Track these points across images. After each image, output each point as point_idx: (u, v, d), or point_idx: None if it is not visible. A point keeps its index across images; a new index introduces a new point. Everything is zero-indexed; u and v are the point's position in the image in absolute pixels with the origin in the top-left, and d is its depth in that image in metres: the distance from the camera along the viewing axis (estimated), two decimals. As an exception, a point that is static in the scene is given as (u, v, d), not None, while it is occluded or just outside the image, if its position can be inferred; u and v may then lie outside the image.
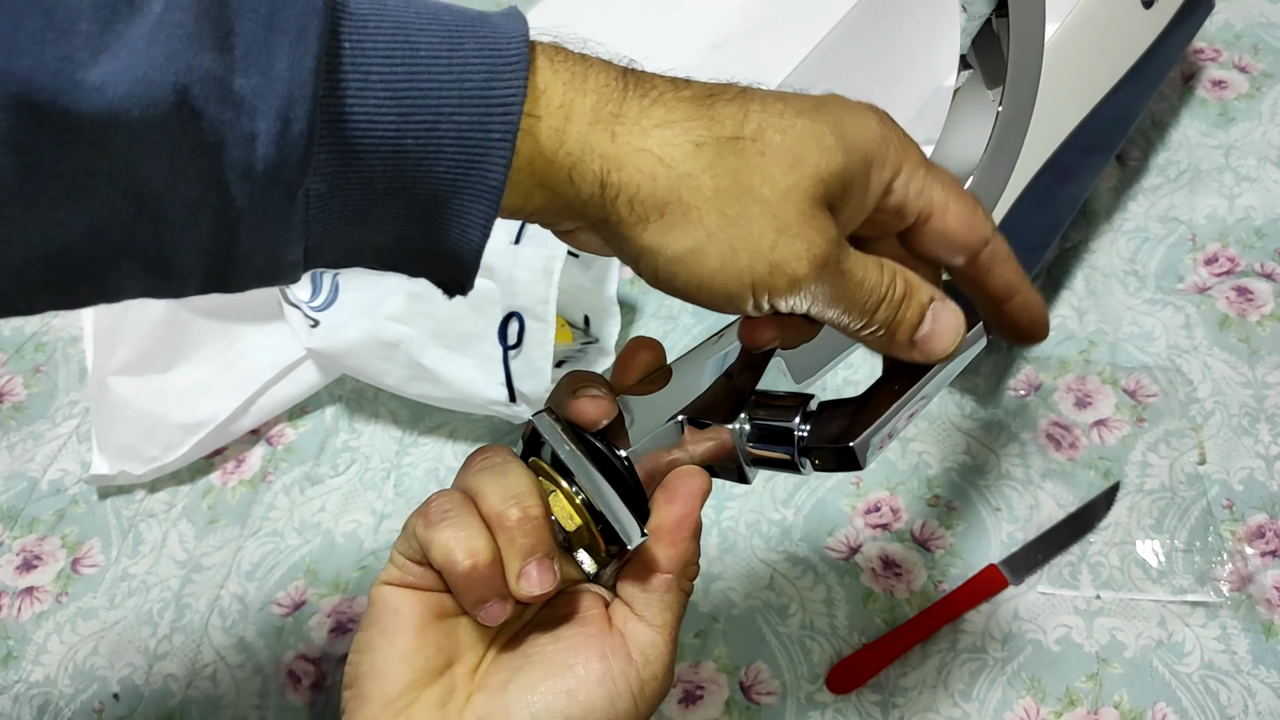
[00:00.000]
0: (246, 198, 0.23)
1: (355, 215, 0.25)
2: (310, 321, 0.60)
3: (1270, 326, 0.60)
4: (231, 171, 0.23)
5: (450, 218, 0.26)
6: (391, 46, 0.24)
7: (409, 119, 0.24)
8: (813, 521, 0.57)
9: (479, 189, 0.25)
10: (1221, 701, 0.48)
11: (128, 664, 0.56)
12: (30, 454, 0.66)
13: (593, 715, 0.29)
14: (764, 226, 0.26)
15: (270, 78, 0.22)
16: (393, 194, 0.25)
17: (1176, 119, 0.70)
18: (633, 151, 0.26)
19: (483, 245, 0.27)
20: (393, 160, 0.24)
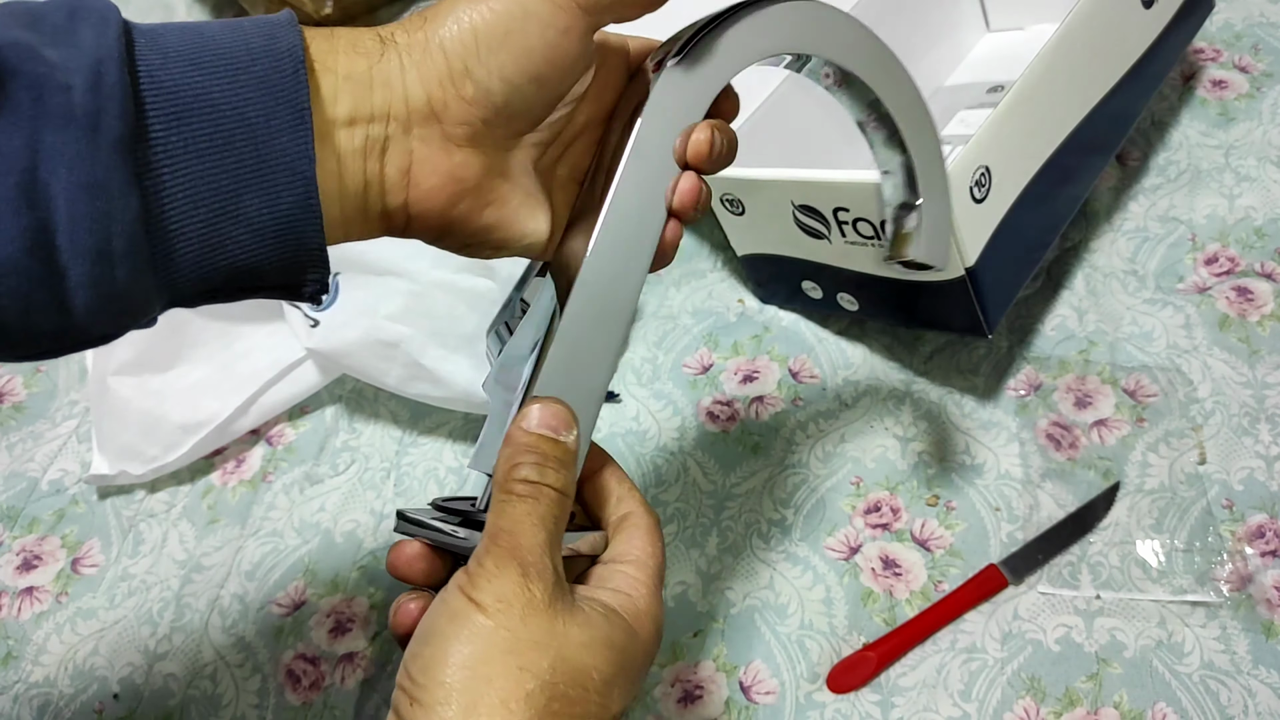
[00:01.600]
0: (73, 144, 0.25)
1: (190, 192, 0.27)
2: (310, 321, 0.60)
3: (1270, 326, 0.60)
4: (52, 119, 0.25)
5: (277, 161, 0.28)
6: (181, 32, 0.28)
7: (211, 76, 0.27)
8: (813, 521, 0.57)
9: (290, 113, 0.28)
10: (1221, 702, 0.48)
11: (128, 664, 0.56)
12: (30, 454, 0.66)
13: None
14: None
15: (79, 48, 0.25)
16: (218, 155, 0.27)
17: (1176, 119, 0.70)
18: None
19: (313, 172, 0.28)
20: (209, 116, 0.27)
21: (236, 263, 0.29)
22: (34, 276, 0.25)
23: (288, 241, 0.29)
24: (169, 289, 0.28)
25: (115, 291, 0.27)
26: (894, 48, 0.72)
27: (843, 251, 0.55)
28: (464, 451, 0.62)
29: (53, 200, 0.25)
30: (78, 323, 0.27)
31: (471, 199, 0.31)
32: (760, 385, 0.63)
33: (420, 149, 0.31)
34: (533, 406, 0.32)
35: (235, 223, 0.28)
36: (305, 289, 0.31)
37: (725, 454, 0.60)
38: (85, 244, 0.26)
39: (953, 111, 0.66)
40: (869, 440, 0.59)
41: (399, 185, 0.31)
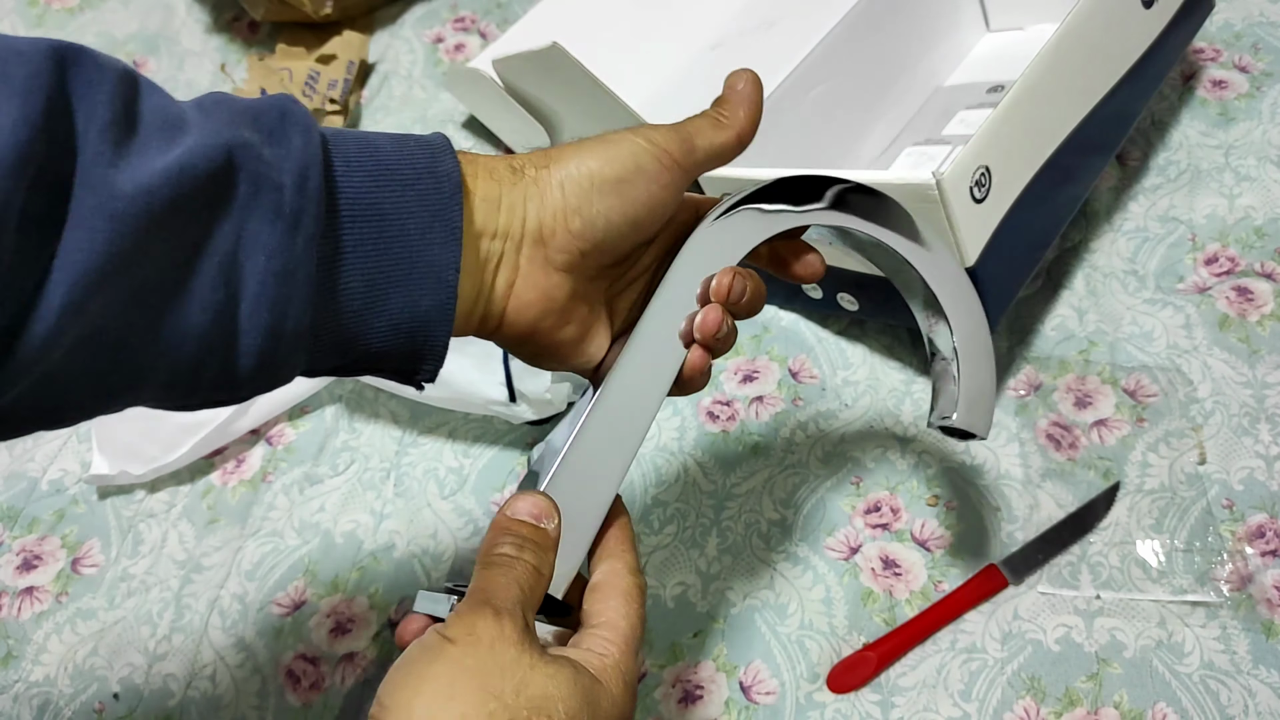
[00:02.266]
0: (275, 236, 0.29)
1: (350, 287, 0.31)
2: (310, 321, 0.60)
3: (1270, 326, 0.60)
4: (263, 212, 0.29)
5: (426, 267, 0.32)
6: (358, 143, 0.32)
7: (384, 189, 0.32)
8: (813, 521, 0.57)
9: (445, 229, 0.32)
10: (1221, 701, 0.48)
11: (127, 664, 0.56)
12: (30, 454, 0.66)
13: None
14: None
15: (289, 149, 0.30)
16: (378, 256, 0.31)
17: (1176, 119, 0.70)
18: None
19: (456, 281, 0.33)
20: (376, 223, 0.31)
21: (371, 349, 0.33)
22: (213, 343, 0.29)
23: (418, 337, 0.33)
24: (311, 362, 0.32)
25: (274, 363, 0.30)
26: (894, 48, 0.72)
27: (843, 251, 0.55)
28: (464, 451, 0.62)
29: (244, 281, 0.29)
30: (235, 383, 0.31)
31: (556, 317, 0.36)
32: (760, 385, 0.63)
33: (525, 267, 0.35)
34: (518, 498, 0.34)
35: (379, 315, 0.32)
36: (419, 375, 0.34)
37: (725, 454, 0.60)
38: (264, 321, 0.29)
39: (953, 111, 0.66)
40: (869, 440, 0.59)
41: (503, 295, 0.35)
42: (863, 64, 0.66)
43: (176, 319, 0.28)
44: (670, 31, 0.74)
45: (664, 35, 0.74)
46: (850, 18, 0.65)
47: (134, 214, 0.26)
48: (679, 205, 0.38)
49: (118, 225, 0.26)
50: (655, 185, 0.35)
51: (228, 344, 0.29)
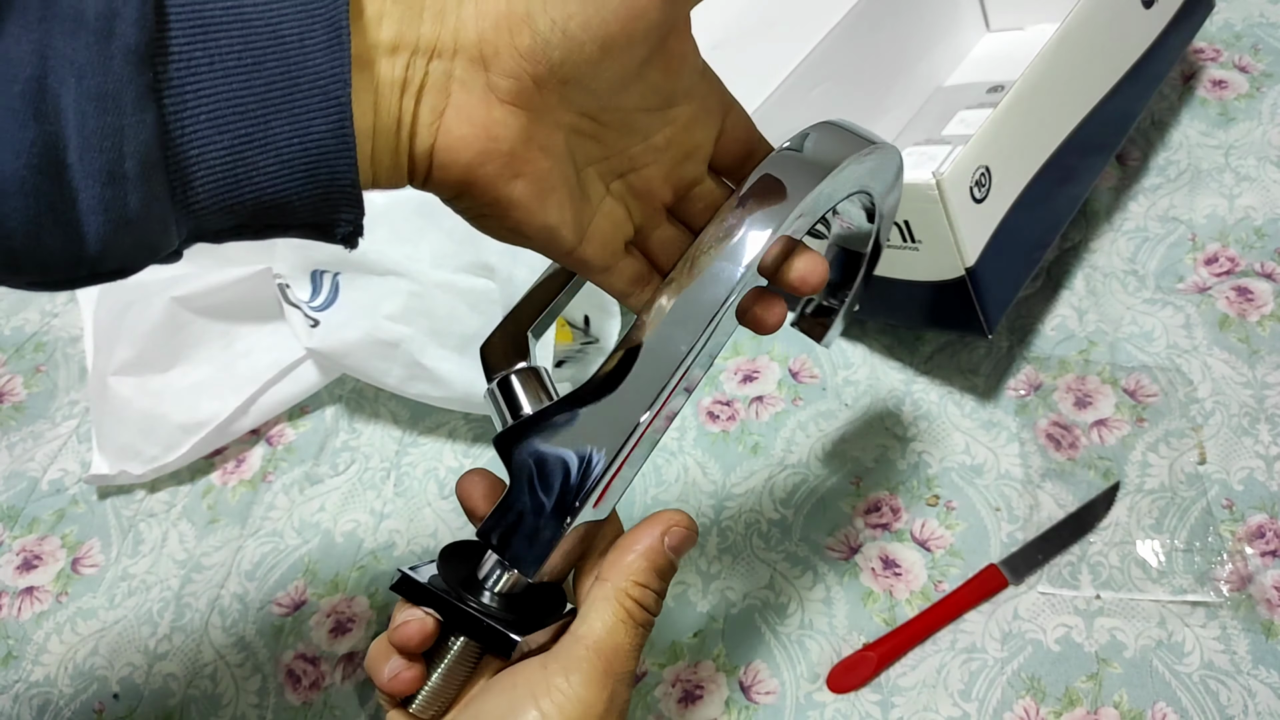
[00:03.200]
0: (82, 51, 0.23)
1: (214, 114, 0.25)
2: (310, 321, 0.60)
3: (1270, 326, 0.60)
4: (63, 23, 0.23)
5: (310, 83, 0.26)
6: None
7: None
8: (812, 521, 0.57)
9: (326, 31, 0.25)
10: (1221, 701, 0.48)
11: (128, 664, 0.56)
12: (30, 454, 0.66)
13: None
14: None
15: None
16: (247, 74, 0.25)
17: (1176, 119, 0.70)
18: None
19: (347, 98, 0.26)
20: (238, 32, 0.25)
21: (263, 196, 0.26)
22: (43, 196, 0.23)
23: (319, 175, 0.26)
24: (189, 220, 0.26)
25: (129, 218, 0.25)
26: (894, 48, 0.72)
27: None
28: (464, 451, 0.62)
29: (63, 113, 0.23)
30: (90, 251, 0.25)
31: (501, 163, 0.29)
32: (760, 385, 0.63)
33: (459, 94, 0.28)
34: (676, 526, 0.32)
35: (262, 150, 0.26)
36: (338, 229, 0.28)
37: (725, 454, 0.60)
38: (96, 163, 0.23)
39: (953, 111, 0.66)
40: (869, 440, 0.59)
41: (429, 128, 0.28)
42: (863, 64, 0.66)
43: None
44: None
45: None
46: (850, 18, 0.65)
47: None
48: (702, 86, 0.32)
49: None
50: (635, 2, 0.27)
51: (64, 196, 0.23)
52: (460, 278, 0.58)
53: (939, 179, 0.47)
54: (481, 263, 0.57)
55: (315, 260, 0.61)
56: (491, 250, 0.57)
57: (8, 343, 0.72)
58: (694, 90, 0.32)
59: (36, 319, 0.73)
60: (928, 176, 0.47)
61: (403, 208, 0.61)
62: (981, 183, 0.50)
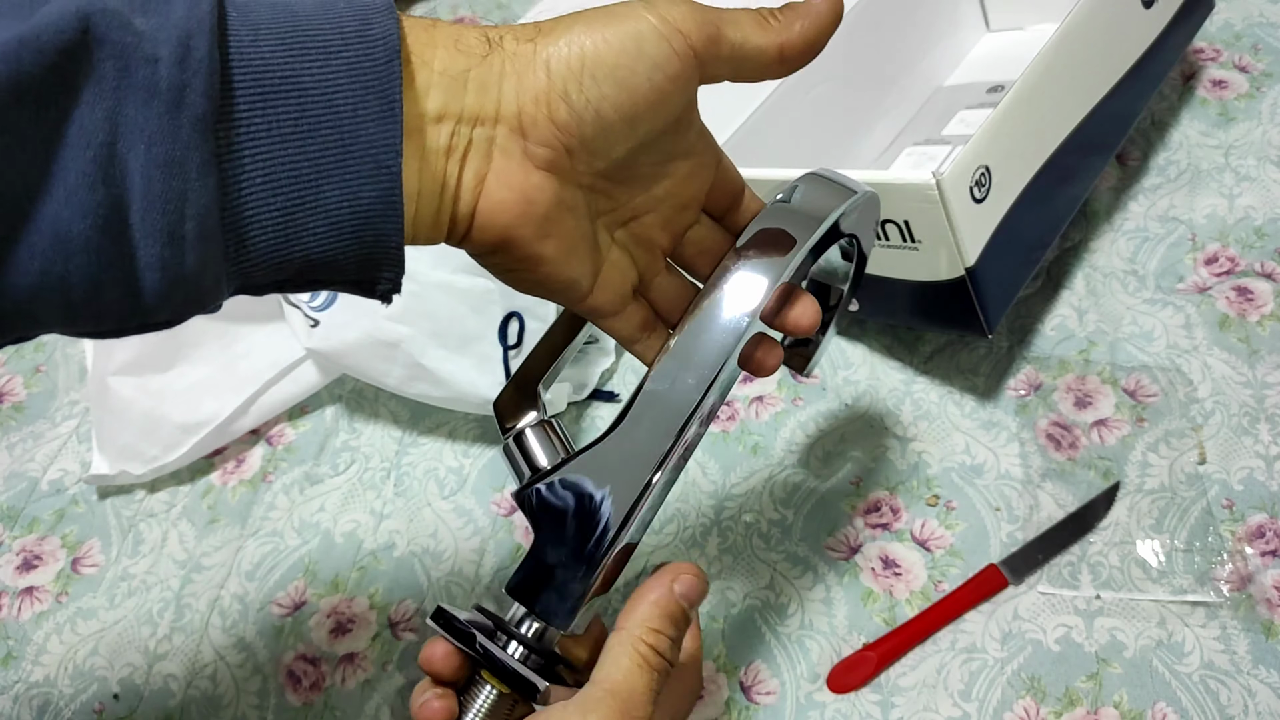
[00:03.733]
0: (153, 119, 0.24)
1: (269, 178, 0.26)
2: (310, 321, 0.60)
3: (1270, 326, 0.60)
4: (136, 93, 0.24)
5: (362, 151, 0.27)
6: (272, 8, 0.27)
7: (301, 58, 0.26)
8: (813, 521, 0.57)
9: (380, 103, 0.27)
10: (1221, 701, 0.48)
11: (128, 664, 0.56)
12: (30, 454, 0.66)
13: None
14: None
15: (169, 17, 0.24)
16: (302, 140, 0.26)
17: (1176, 119, 0.70)
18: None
19: (398, 166, 0.27)
20: (295, 100, 0.26)
21: (311, 255, 0.27)
22: (105, 255, 0.24)
23: (365, 237, 0.28)
24: (239, 276, 0.27)
25: (184, 275, 0.26)
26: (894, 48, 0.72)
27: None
28: (464, 451, 0.62)
29: (129, 177, 0.24)
30: (145, 304, 0.26)
31: (536, 225, 0.31)
32: (760, 385, 0.63)
33: (500, 160, 0.30)
34: (686, 575, 0.33)
35: (313, 214, 0.27)
36: (379, 286, 0.29)
37: (725, 454, 0.60)
38: (158, 224, 0.25)
39: (953, 111, 0.66)
40: (869, 440, 0.59)
41: (472, 192, 0.30)
42: (863, 64, 0.66)
43: (52, 229, 0.24)
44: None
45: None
46: (850, 18, 0.65)
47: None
48: (700, 144, 0.34)
49: None
50: (661, 75, 0.30)
51: (124, 255, 0.25)
52: (460, 278, 0.58)
53: (939, 179, 0.47)
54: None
55: (315, 260, 0.61)
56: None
57: (8, 343, 0.72)
58: (694, 148, 0.34)
59: (36, 319, 0.73)
60: (928, 176, 0.47)
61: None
62: (981, 183, 0.50)
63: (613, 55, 0.29)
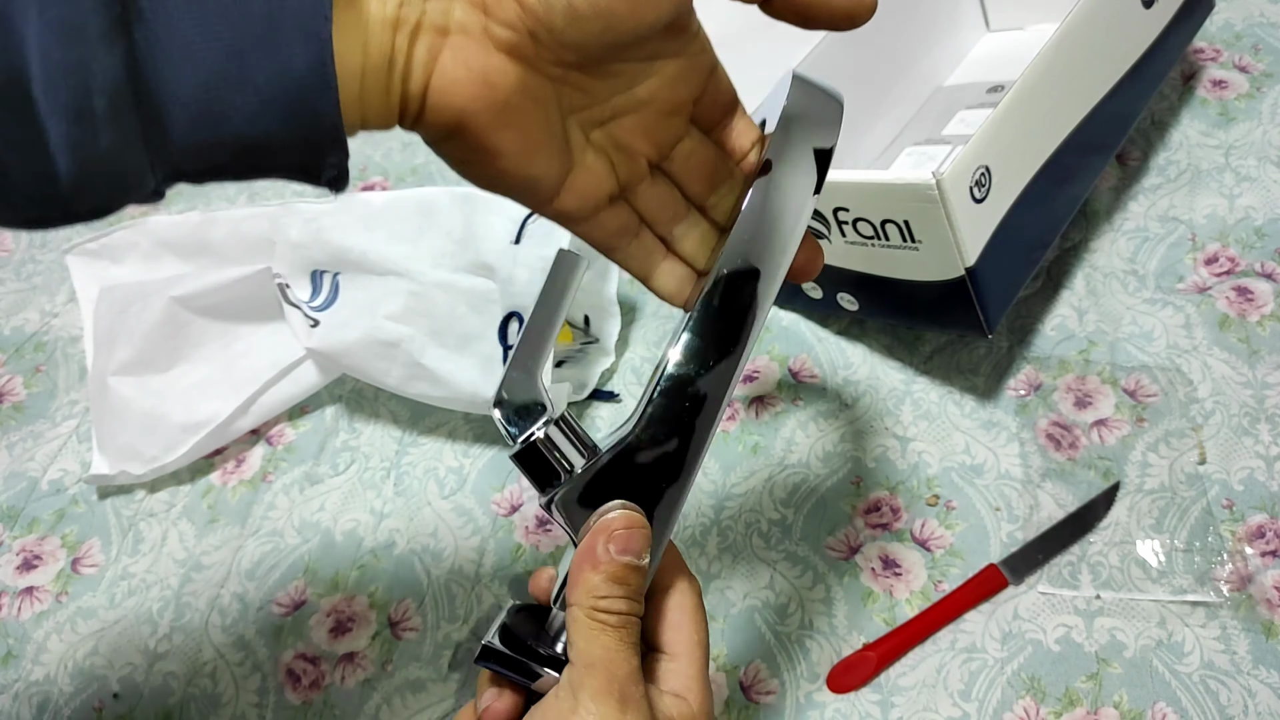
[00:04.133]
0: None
1: (186, 48, 0.24)
2: (310, 321, 0.60)
3: (1270, 326, 0.60)
4: None
5: (291, 18, 0.25)
6: None
7: None
8: (813, 521, 0.57)
9: None
10: (1221, 701, 0.48)
11: (127, 663, 0.56)
12: (30, 454, 0.66)
13: None
14: None
15: None
16: (222, 6, 0.24)
17: (1176, 119, 0.70)
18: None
19: (328, 33, 0.25)
20: None
21: (242, 135, 0.25)
22: (9, 133, 0.23)
23: (301, 115, 0.25)
24: (166, 162, 0.25)
25: (99, 157, 0.24)
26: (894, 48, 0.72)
27: (843, 251, 0.55)
28: (464, 451, 0.62)
29: (25, 43, 0.22)
30: (63, 190, 0.24)
31: (495, 113, 0.28)
32: (760, 385, 0.63)
33: (457, 36, 0.27)
34: (617, 530, 0.31)
35: (239, 88, 0.24)
36: (324, 172, 0.27)
37: (725, 454, 0.60)
38: (61, 98, 0.22)
39: (953, 111, 0.66)
40: (869, 440, 0.59)
41: (423, 68, 0.27)
42: (863, 64, 0.66)
43: None
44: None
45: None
46: (850, 18, 0.65)
47: None
48: (692, 46, 0.31)
49: None
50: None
51: (30, 132, 0.23)
52: (460, 278, 0.58)
53: (939, 179, 0.47)
54: (481, 263, 0.57)
55: (315, 260, 0.61)
56: (491, 250, 0.57)
57: (8, 343, 0.72)
58: (685, 49, 0.31)
59: (36, 319, 0.73)
60: (928, 176, 0.47)
61: (403, 208, 0.61)
62: (981, 183, 0.50)
63: None
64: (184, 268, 0.67)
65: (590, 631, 0.31)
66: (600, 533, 0.32)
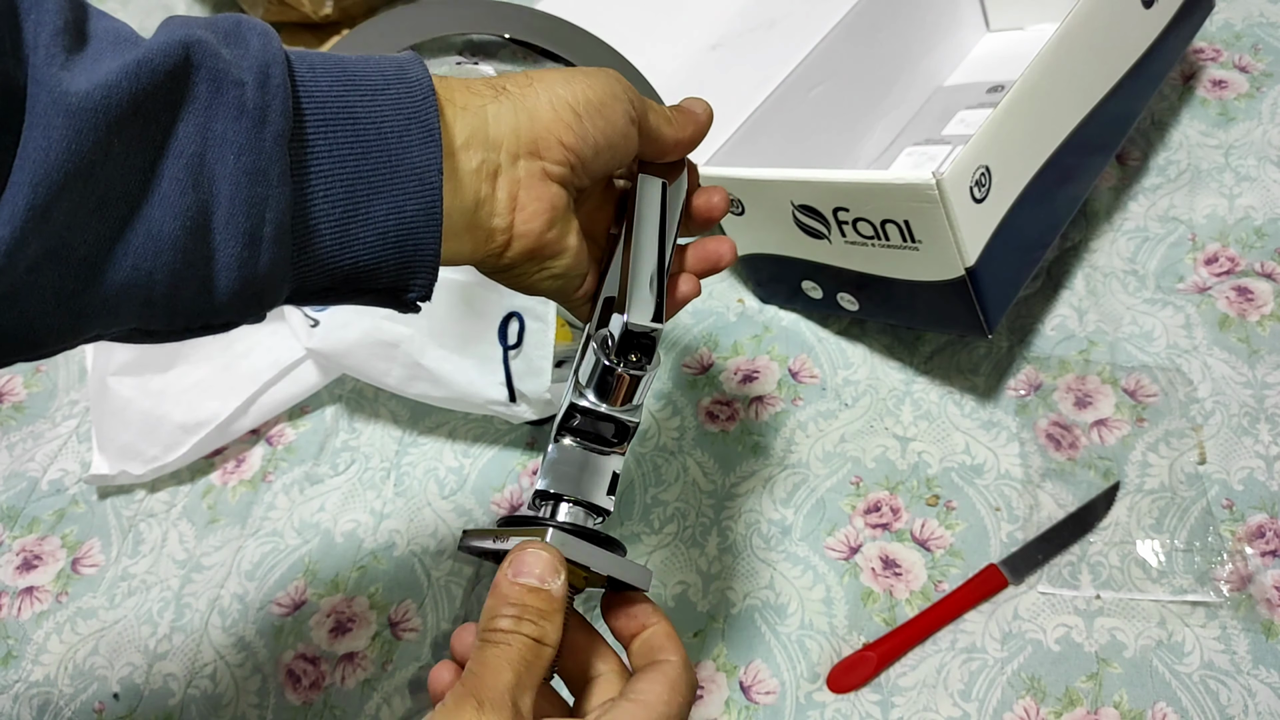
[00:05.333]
0: (242, 133, 0.28)
1: (330, 191, 0.31)
2: (310, 321, 0.60)
3: (1270, 326, 0.60)
4: (226, 110, 0.28)
5: (408, 171, 0.32)
6: (323, 56, 0.32)
7: (353, 92, 0.31)
8: (813, 521, 0.57)
9: (422, 131, 0.32)
10: (1221, 701, 0.48)
11: (128, 663, 0.56)
12: (30, 454, 0.66)
13: None
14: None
15: (248, 50, 0.29)
16: (357, 161, 0.31)
17: (1176, 119, 0.70)
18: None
19: (439, 182, 0.32)
20: (351, 127, 0.31)
21: (360, 262, 0.32)
22: (189, 254, 0.28)
23: (406, 246, 0.32)
24: (295, 280, 0.31)
25: (256, 275, 0.29)
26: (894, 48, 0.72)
27: (843, 251, 0.55)
28: (464, 451, 0.62)
29: (215, 184, 0.28)
30: (216, 302, 0.29)
31: (560, 227, 0.36)
32: (760, 385, 0.63)
33: (526, 178, 0.35)
34: (520, 556, 0.33)
35: (364, 224, 0.31)
36: (411, 293, 0.34)
37: (725, 454, 0.60)
38: (241, 226, 0.28)
39: (953, 111, 0.66)
40: (869, 440, 0.59)
41: (506, 207, 0.35)
42: (863, 64, 0.66)
43: (146, 229, 0.27)
44: (670, 31, 0.74)
45: (664, 35, 0.74)
46: (850, 18, 0.65)
47: (92, 110, 0.25)
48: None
49: (76, 123, 0.25)
50: (624, 120, 0.37)
51: (205, 255, 0.28)
52: (460, 277, 0.58)
53: (939, 179, 0.47)
54: (481, 263, 0.57)
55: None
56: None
57: (8, 343, 0.72)
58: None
59: (36, 319, 0.73)
60: (928, 176, 0.47)
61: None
62: (981, 183, 0.50)
63: (599, 98, 0.36)
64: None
65: (475, 650, 0.32)
66: (505, 565, 0.34)
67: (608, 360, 0.37)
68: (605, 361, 0.37)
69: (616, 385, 0.37)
